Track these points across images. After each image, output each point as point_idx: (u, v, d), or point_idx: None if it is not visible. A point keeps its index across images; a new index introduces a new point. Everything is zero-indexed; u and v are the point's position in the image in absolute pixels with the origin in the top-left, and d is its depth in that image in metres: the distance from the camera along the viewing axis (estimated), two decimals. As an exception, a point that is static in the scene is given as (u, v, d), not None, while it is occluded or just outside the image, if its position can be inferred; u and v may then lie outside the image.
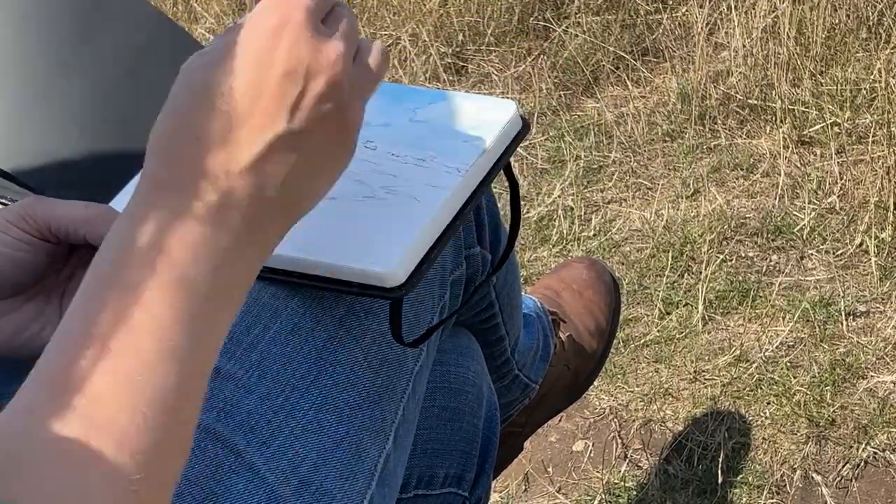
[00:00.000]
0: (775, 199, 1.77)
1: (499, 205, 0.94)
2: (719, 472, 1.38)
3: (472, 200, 0.69)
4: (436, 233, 0.66)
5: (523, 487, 1.48)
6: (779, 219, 1.73)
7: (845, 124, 1.84)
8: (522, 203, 1.42)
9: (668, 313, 1.62)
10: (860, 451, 1.37)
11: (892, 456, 1.36)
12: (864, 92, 1.89)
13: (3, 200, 0.90)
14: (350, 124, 0.56)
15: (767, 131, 1.91)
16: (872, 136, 1.79)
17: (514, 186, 0.76)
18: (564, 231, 1.83)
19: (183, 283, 0.50)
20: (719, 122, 1.97)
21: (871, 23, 2.03)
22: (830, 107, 1.87)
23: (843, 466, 1.36)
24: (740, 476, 1.38)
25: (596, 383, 1.51)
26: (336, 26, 0.56)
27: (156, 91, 0.88)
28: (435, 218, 0.66)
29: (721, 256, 1.68)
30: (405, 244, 0.64)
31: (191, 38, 1.00)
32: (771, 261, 1.68)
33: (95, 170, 0.89)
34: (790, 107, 1.89)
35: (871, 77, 1.90)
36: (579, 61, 2.19)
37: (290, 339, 0.65)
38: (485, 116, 0.72)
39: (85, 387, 0.46)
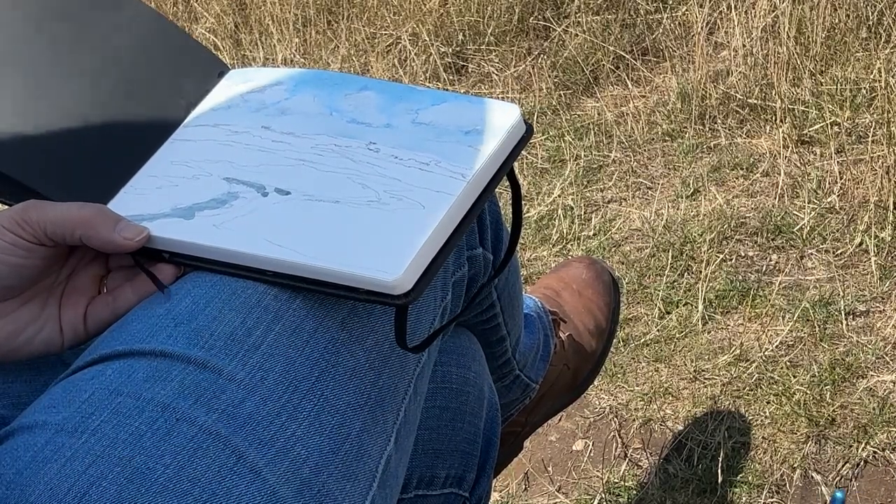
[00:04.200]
0: (775, 198, 1.77)
1: (499, 205, 0.94)
2: (719, 471, 1.38)
3: (476, 206, 0.68)
4: (441, 239, 0.66)
5: (523, 487, 1.48)
6: (779, 218, 1.73)
7: (845, 124, 1.84)
8: (523, 203, 1.41)
9: (668, 313, 1.62)
10: (860, 450, 1.37)
11: (891, 455, 1.36)
12: (864, 91, 1.89)
13: (3, 201, 0.90)
14: None
15: (767, 131, 1.91)
16: (872, 136, 1.79)
17: (516, 190, 0.76)
18: (564, 230, 1.83)
19: None
20: (719, 121, 1.97)
21: (870, 22, 2.03)
22: (830, 106, 1.87)
23: (843, 466, 1.36)
24: (740, 475, 1.38)
25: (596, 383, 1.51)
26: None
27: (153, 91, 0.88)
28: (440, 224, 0.66)
29: (721, 256, 1.68)
30: (411, 251, 0.64)
31: (190, 38, 1.00)
32: (771, 260, 1.68)
33: (93, 170, 0.89)
34: (790, 106, 1.89)
35: (871, 76, 1.90)
36: (579, 61, 2.19)
37: (292, 341, 0.65)
38: (488, 120, 0.71)
39: None
